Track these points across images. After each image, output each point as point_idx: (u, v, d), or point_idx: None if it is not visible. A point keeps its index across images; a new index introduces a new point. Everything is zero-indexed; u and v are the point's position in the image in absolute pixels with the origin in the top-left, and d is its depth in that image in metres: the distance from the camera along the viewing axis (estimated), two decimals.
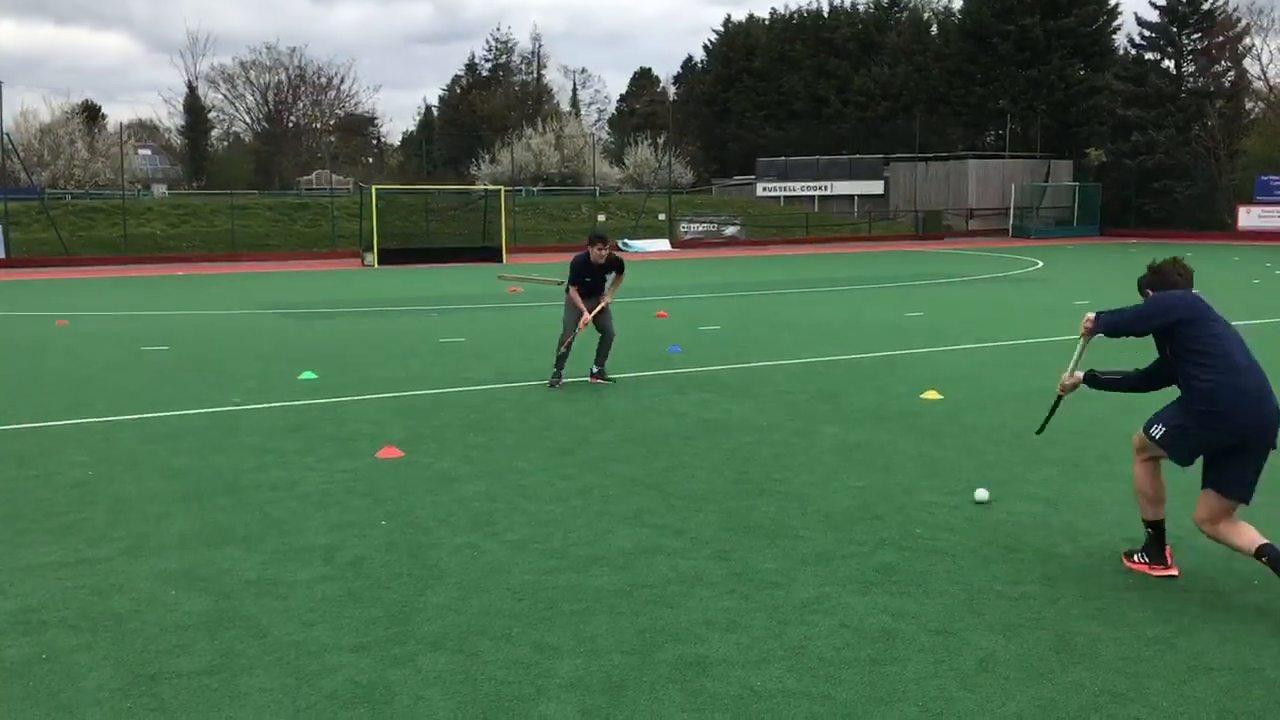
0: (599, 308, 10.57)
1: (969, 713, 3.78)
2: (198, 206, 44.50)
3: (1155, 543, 5.17)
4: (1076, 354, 5.39)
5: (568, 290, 10.65)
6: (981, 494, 6.33)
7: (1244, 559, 5.15)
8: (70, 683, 4.07)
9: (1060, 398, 5.61)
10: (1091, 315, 5.17)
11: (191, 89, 76.49)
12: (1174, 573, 5.09)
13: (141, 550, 5.62)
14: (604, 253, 10.47)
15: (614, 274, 10.67)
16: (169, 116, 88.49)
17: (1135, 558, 5.25)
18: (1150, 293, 5.21)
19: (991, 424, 8.59)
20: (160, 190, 56.86)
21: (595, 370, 10.80)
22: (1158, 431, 4.97)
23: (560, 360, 10.61)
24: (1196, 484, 4.95)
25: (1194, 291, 5.10)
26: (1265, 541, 4.75)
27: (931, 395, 9.77)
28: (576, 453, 7.76)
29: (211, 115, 78.83)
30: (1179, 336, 4.87)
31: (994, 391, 10.04)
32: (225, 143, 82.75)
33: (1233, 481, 4.82)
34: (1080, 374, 5.42)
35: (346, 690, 3.98)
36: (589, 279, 10.59)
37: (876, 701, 3.86)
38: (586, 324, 10.47)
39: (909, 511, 6.21)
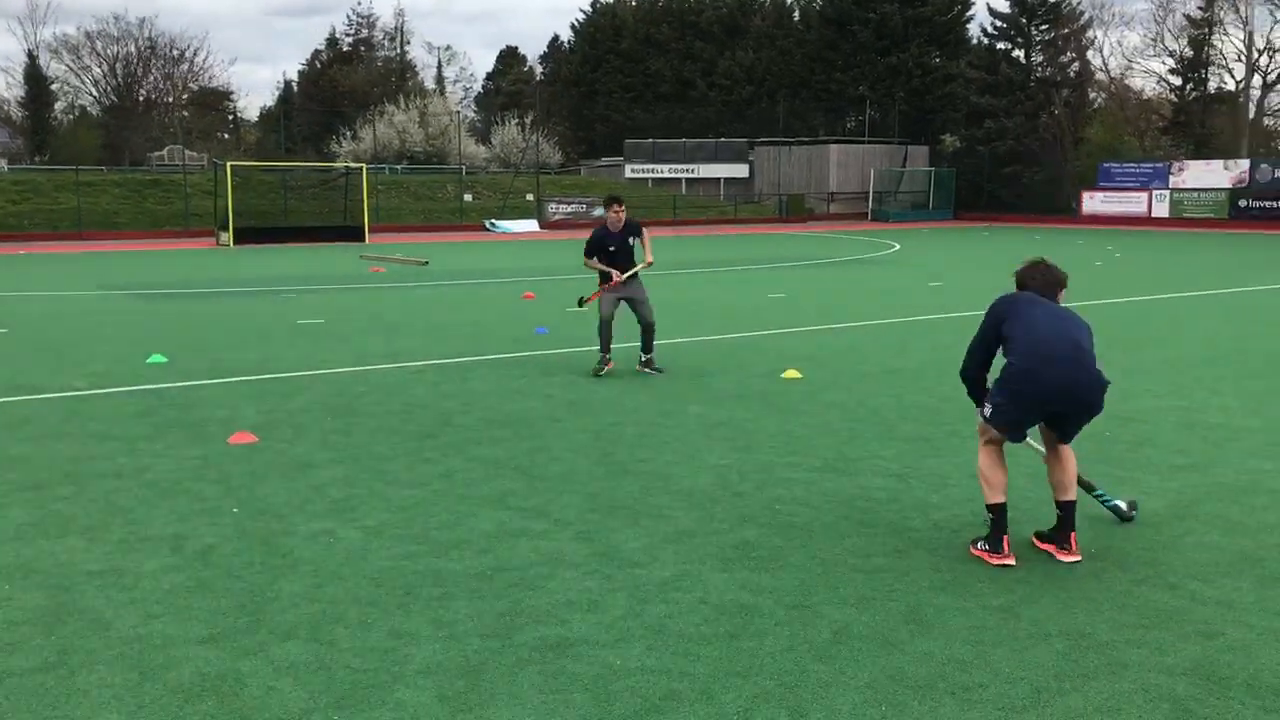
0: (633, 271, 10.01)
1: (823, 684, 3.86)
2: (40, 183, 42.34)
3: (995, 529, 5.18)
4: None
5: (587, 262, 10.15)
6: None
7: (1077, 530, 5.40)
8: None
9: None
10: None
11: (32, 58, 72.65)
12: (1010, 562, 5.06)
13: None
14: (621, 214, 9.91)
15: (638, 238, 10.06)
16: (7, 87, 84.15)
17: (978, 544, 5.26)
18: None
19: (848, 401, 8.80)
20: None
21: (643, 359, 10.17)
22: (986, 410, 5.27)
23: (603, 339, 9.99)
24: (1041, 467, 5.17)
25: (1018, 292, 5.41)
26: (1071, 498, 5.20)
27: (792, 374, 9.95)
28: (439, 436, 7.65)
29: (55, 87, 75.05)
30: (1004, 335, 5.25)
31: (851, 370, 10.29)
32: (70, 116, 78.88)
33: (1059, 430, 5.26)
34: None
35: (193, 682, 3.85)
36: (612, 248, 10.00)
37: (734, 676, 3.92)
38: (620, 280, 9.90)
39: (768, 488, 6.32)
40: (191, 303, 16.66)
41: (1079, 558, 5.08)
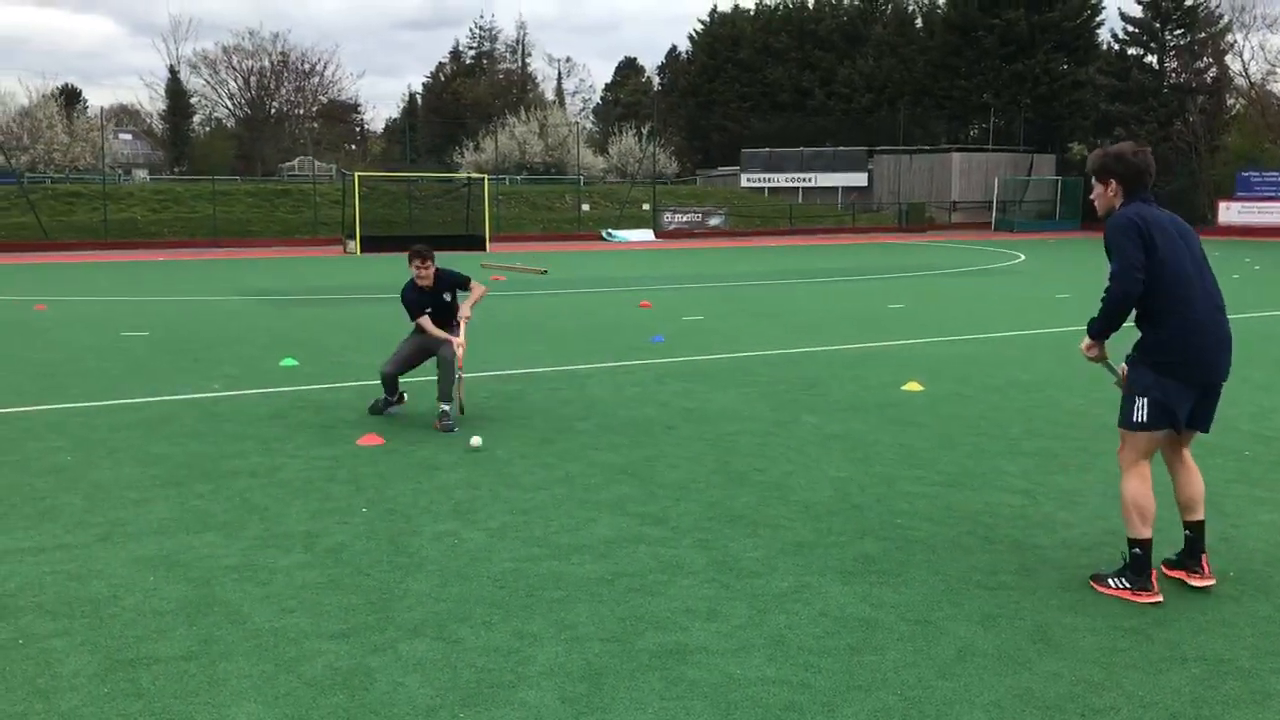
0: (463, 329, 8.56)
1: (947, 701, 3.80)
2: (179, 192, 44.24)
3: (1141, 564, 4.66)
4: (1108, 372, 5.01)
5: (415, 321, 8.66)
6: (475, 441, 7.33)
7: (1216, 553, 5.21)
8: (47, 668, 4.04)
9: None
10: (1085, 341, 4.87)
11: (173, 73, 76.12)
12: (1160, 599, 4.63)
13: (119, 536, 5.59)
14: (428, 268, 8.44)
15: (459, 290, 8.65)
16: (150, 101, 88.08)
17: (1111, 583, 4.75)
18: (1113, 184, 4.71)
19: (971, 415, 8.63)
20: (141, 175, 56.58)
21: (442, 409, 8.11)
22: (1140, 415, 4.60)
23: (387, 386, 8.56)
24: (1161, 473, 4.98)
25: (1146, 207, 4.60)
26: (1201, 518, 4.77)
27: (912, 386, 9.80)
28: (558, 441, 7.75)
29: (193, 100, 78.51)
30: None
31: (974, 383, 10.08)
32: (207, 128, 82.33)
33: (1198, 415, 4.72)
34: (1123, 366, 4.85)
35: (325, 676, 3.98)
36: (429, 310, 8.57)
37: (855, 690, 3.88)
38: (464, 347, 8.43)
39: (889, 501, 6.23)
40: (321, 308, 17.19)
41: (1213, 581, 4.84)
